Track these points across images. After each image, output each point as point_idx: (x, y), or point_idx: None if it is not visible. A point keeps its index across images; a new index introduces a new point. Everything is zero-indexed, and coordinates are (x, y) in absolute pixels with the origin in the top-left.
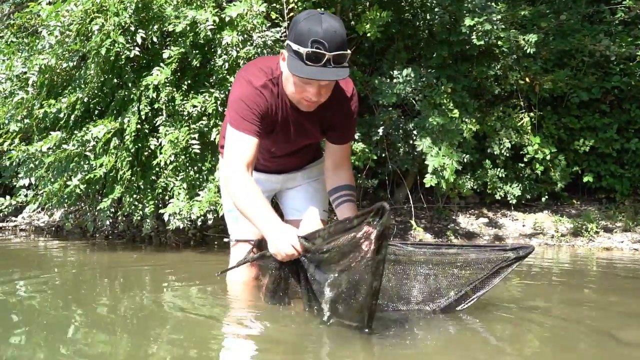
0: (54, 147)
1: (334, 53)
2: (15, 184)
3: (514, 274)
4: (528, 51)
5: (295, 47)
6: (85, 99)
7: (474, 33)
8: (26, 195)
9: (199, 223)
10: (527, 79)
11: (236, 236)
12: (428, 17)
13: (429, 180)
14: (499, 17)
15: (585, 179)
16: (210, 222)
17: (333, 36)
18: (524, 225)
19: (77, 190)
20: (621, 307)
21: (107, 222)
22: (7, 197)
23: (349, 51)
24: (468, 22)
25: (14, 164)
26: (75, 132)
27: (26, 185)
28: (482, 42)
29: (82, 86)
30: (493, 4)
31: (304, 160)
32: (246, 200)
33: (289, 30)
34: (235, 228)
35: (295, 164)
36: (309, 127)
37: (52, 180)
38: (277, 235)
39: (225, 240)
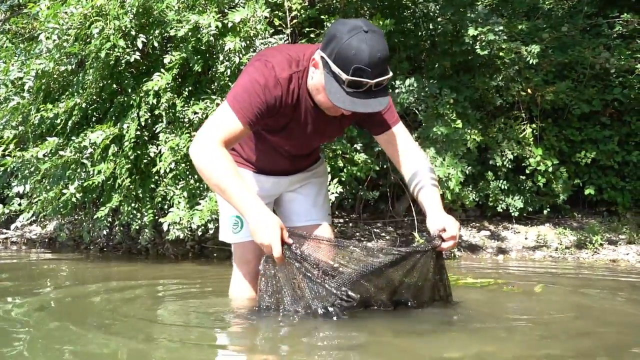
0: (50, 154)
1: (376, 80)
2: (8, 193)
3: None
4: (530, 62)
5: (335, 68)
6: (83, 105)
7: (478, 43)
8: (20, 204)
9: (199, 233)
10: (528, 91)
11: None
12: (430, 27)
13: None
14: (501, 28)
15: (586, 192)
16: (211, 231)
17: (377, 62)
18: (526, 238)
19: (73, 199)
20: None
21: (104, 232)
22: (0, 205)
23: (390, 74)
24: (471, 31)
25: (8, 171)
26: (73, 138)
27: (20, 193)
28: (486, 52)
29: (80, 91)
30: (494, 16)
31: (312, 160)
32: (223, 173)
33: (326, 41)
34: (239, 235)
35: (306, 165)
36: (329, 125)
37: (48, 188)
38: (262, 219)
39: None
